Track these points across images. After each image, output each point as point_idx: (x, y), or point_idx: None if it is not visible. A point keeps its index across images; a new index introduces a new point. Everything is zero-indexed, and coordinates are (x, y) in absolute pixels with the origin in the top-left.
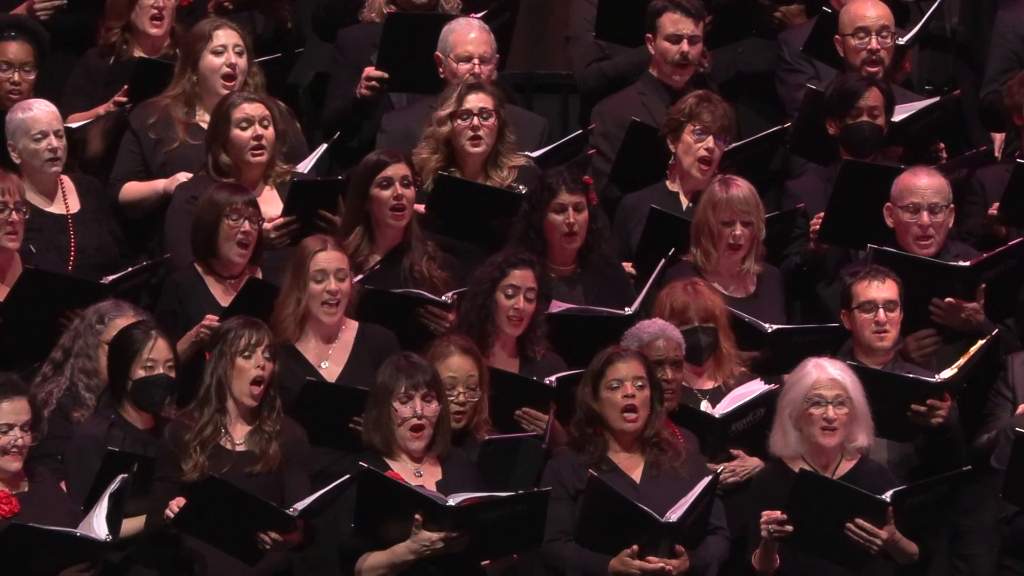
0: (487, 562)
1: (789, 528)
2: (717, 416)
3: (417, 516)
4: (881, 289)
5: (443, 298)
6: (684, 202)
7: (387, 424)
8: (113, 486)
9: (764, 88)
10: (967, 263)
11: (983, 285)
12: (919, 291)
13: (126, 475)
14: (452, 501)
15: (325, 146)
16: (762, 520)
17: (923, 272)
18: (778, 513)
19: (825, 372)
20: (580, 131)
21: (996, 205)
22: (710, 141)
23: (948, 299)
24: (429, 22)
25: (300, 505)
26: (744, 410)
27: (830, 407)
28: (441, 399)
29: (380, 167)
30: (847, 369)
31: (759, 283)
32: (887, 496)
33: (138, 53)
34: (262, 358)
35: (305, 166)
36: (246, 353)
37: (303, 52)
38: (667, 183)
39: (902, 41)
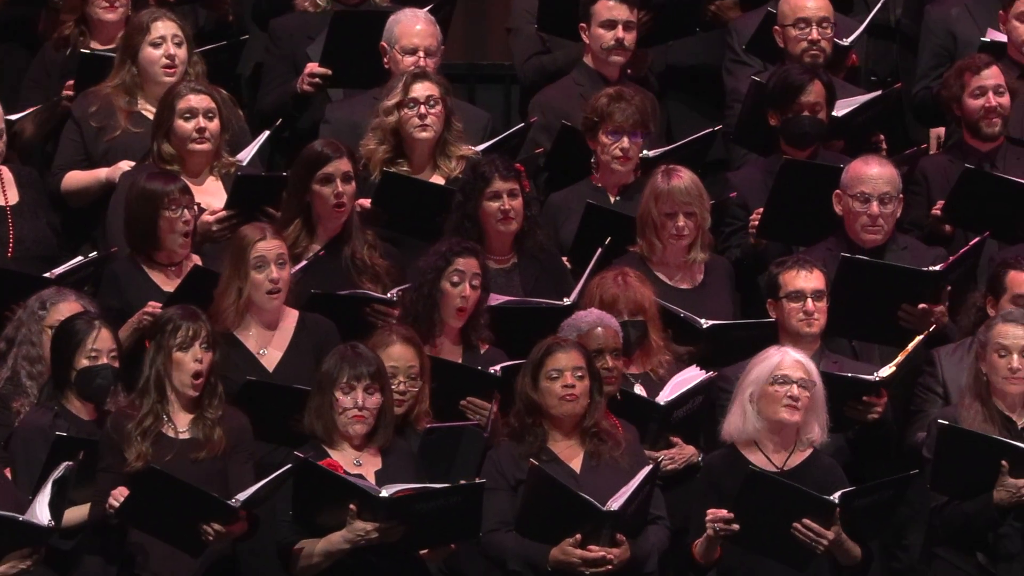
0: (425, 551)
1: (735, 527)
2: (662, 403)
3: (352, 506)
4: (809, 279)
5: (388, 295)
6: (611, 197)
7: (328, 412)
8: (57, 473)
9: (696, 81)
10: (938, 267)
11: (948, 287)
12: (886, 298)
13: (71, 463)
14: (385, 492)
15: (267, 134)
16: (708, 518)
17: (893, 279)
18: (724, 512)
19: (790, 356)
20: (523, 123)
21: (940, 204)
22: (625, 140)
23: (921, 305)
24: (373, 18)
25: (242, 496)
26: (686, 397)
27: (794, 386)
28: (385, 391)
29: (321, 162)
30: (810, 360)
31: (707, 273)
32: (836, 497)
33: (94, 44)
34: (200, 350)
35: (246, 155)
36: (184, 346)
37: (246, 42)
38: (592, 180)
39: (846, 42)
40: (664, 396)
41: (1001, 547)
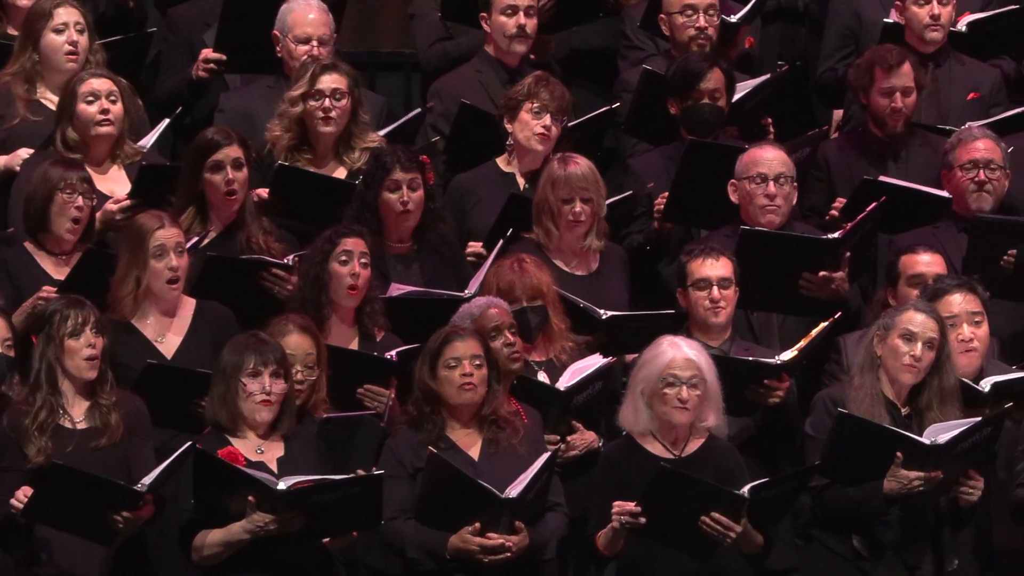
0: (327, 540)
1: (642, 520)
2: (562, 389)
3: (251, 498)
4: (715, 267)
5: (286, 260)
6: (520, 182)
7: (234, 400)
8: None
9: (598, 66)
10: (836, 235)
11: (848, 254)
12: (787, 267)
13: None
14: (284, 484)
15: (166, 122)
16: (614, 511)
17: (792, 248)
18: (631, 505)
19: (681, 352)
20: (419, 109)
21: (839, 203)
22: (547, 119)
23: (821, 272)
24: (267, 3)
25: (147, 480)
26: (586, 383)
27: (684, 387)
28: (288, 378)
29: (211, 149)
30: (702, 349)
31: (602, 260)
32: (745, 492)
33: (11, 30)
34: (91, 335)
35: (147, 141)
36: (75, 334)
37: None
38: (500, 163)
39: (733, 19)
40: (564, 382)
41: (879, 535)
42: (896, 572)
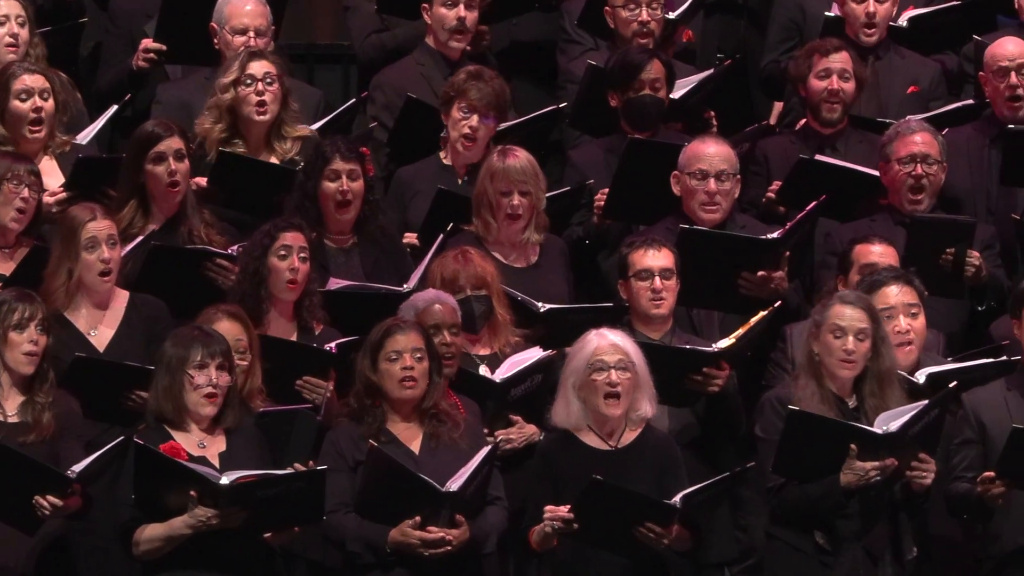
0: (268, 534)
1: (575, 526)
2: (498, 381)
3: (193, 492)
4: (657, 257)
5: (229, 251)
6: (459, 178)
7: (179, 393)
8: None
9: (539, 60)
10: (776, 235)
11: (787, 253)
12: (726, 266)
13: None
14: (226, 479)
15: (114, 108)
16: (546, 515)
17: (732, 247)
18: (563, 510)
19: (606, 339)
20: (355, 99)
21: (775, 186)
22: (474, 119)
23: (760, 272)
24: None
25: (77, 467)
26: (523, 375)
27: (613, 371)
28: (232, 372)
29: (153, 141)
30: (628, 337)
31: (541, 253)
32: (677, 501)
33: None
34: (35, 332)
35: (86, 136)
36: (19, 327)
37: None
38: (442, 156)
39: (672, 15)
40: (500, 374)
41: (841, 528)
42: (859, 563)
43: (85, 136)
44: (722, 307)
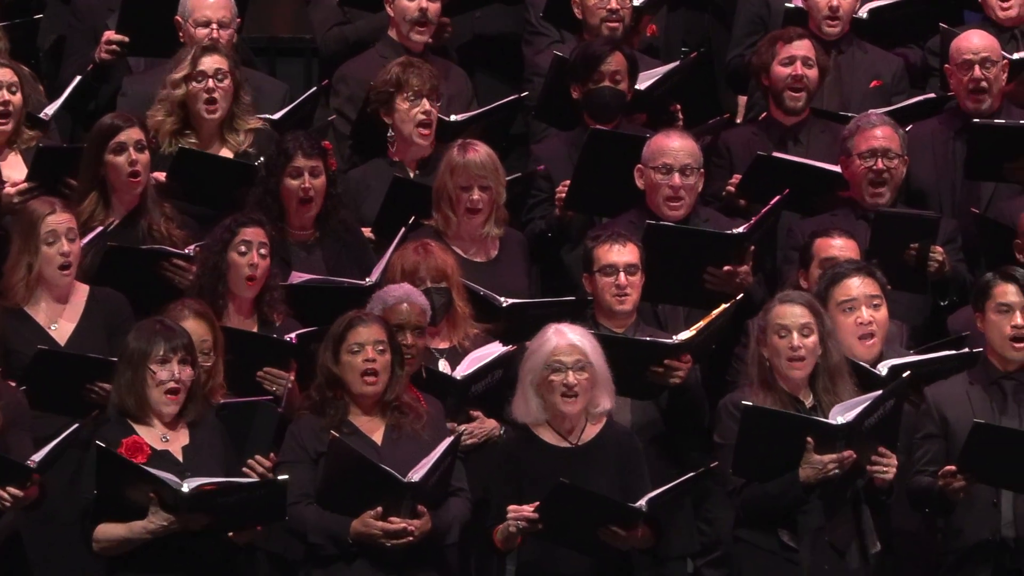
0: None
1: (540, 526)
2: (458, 378)
3: (152, 495)
4: (622, 252)
5: (186, 251)
6: (411, 172)
7: (141, 387)
8: None
9: (502, 52)
10: (742, 229)
11: (752, 248)
12: (691, 261)
13: None
14: (187, 486)
15: (78, 79)
16: (510, 515)
17: (697, 242)
18: (528, 510)
19: (565, 338)
20: (315, 88)
21: (735, 179)
22: (425, 104)
23: (726, 267)
24: None
25: (37, 457)
26: (483, 372)
27: (570, 372)
28: (195, 365)
29: (113, 132)
30: (587, 334)
31: (501, 247)
32: (643, 504)
33: None
34: None
35: (53, 107)
36: None
37: (44, 15)
38: (389, 155)
39: (638, 2)
40: (461, 370)
41: (804, 522)
42: (825, 558)
43: (52, 108)
44: (688, 302)
